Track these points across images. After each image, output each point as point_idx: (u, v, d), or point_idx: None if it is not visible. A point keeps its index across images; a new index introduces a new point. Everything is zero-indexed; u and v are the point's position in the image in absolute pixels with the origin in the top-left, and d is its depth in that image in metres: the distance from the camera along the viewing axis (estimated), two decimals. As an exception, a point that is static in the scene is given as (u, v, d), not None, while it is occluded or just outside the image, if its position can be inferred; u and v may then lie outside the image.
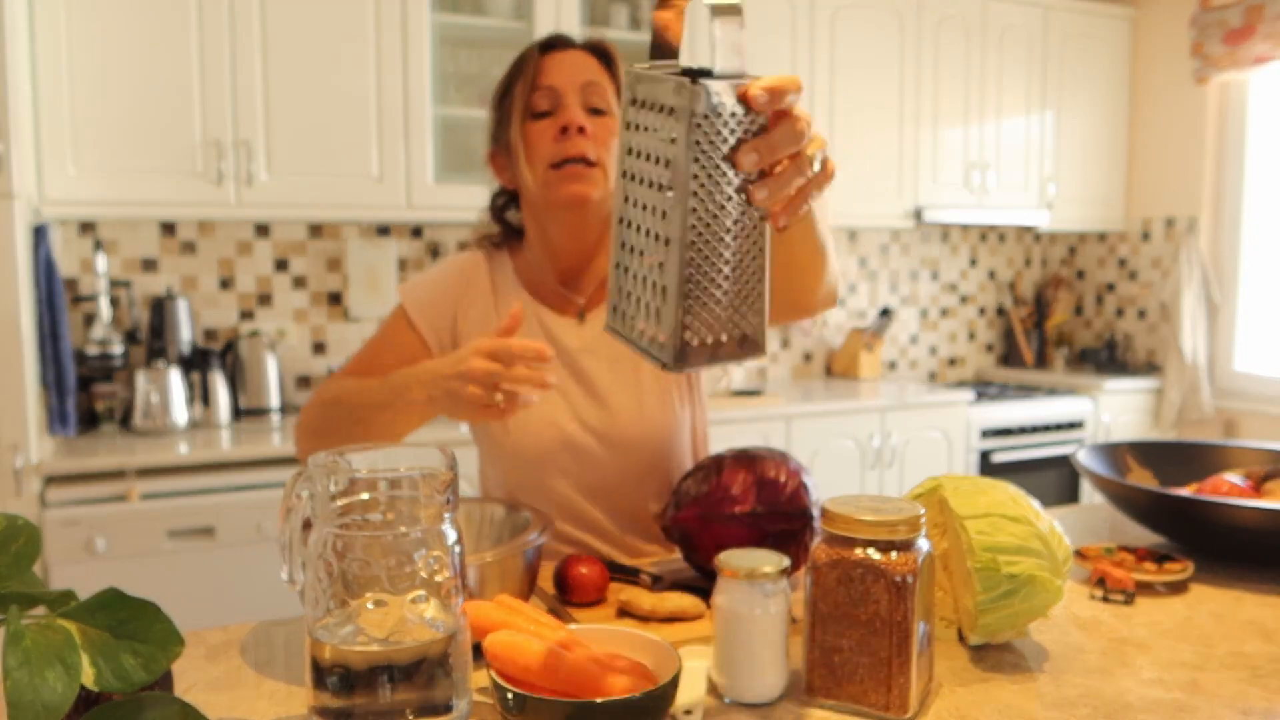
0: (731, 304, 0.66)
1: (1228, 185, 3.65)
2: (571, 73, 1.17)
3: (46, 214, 2.37)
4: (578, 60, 1.18)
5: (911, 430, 3.22)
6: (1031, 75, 3.66)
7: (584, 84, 1.16)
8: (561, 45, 1.20)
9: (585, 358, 1.23)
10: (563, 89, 1.16)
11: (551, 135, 1.15)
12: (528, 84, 1.17)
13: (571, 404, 1.22)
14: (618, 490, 1.22)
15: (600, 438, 1.21)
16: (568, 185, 1.14)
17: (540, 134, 1.16)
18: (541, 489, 1.22)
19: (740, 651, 0.77)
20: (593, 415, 1.21)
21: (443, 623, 0.69)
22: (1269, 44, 3.32)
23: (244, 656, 0.88)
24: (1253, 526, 1.06)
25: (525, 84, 1.17)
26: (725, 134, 0.63)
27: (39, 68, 2.32)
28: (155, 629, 0.63)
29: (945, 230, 3.97)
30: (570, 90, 1.16)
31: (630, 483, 1.23)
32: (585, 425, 1.21)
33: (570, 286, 1.25)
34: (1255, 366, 3.60)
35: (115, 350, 2.54)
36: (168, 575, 2.24)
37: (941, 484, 0.90)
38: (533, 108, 1.17)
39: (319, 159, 2.59)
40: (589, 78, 1.17)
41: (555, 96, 1.16)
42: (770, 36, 3.16)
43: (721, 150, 0.63)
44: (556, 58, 1.18)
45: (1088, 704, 0.77)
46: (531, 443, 1.20)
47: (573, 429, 1.21)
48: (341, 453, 0.74)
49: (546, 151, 1.15)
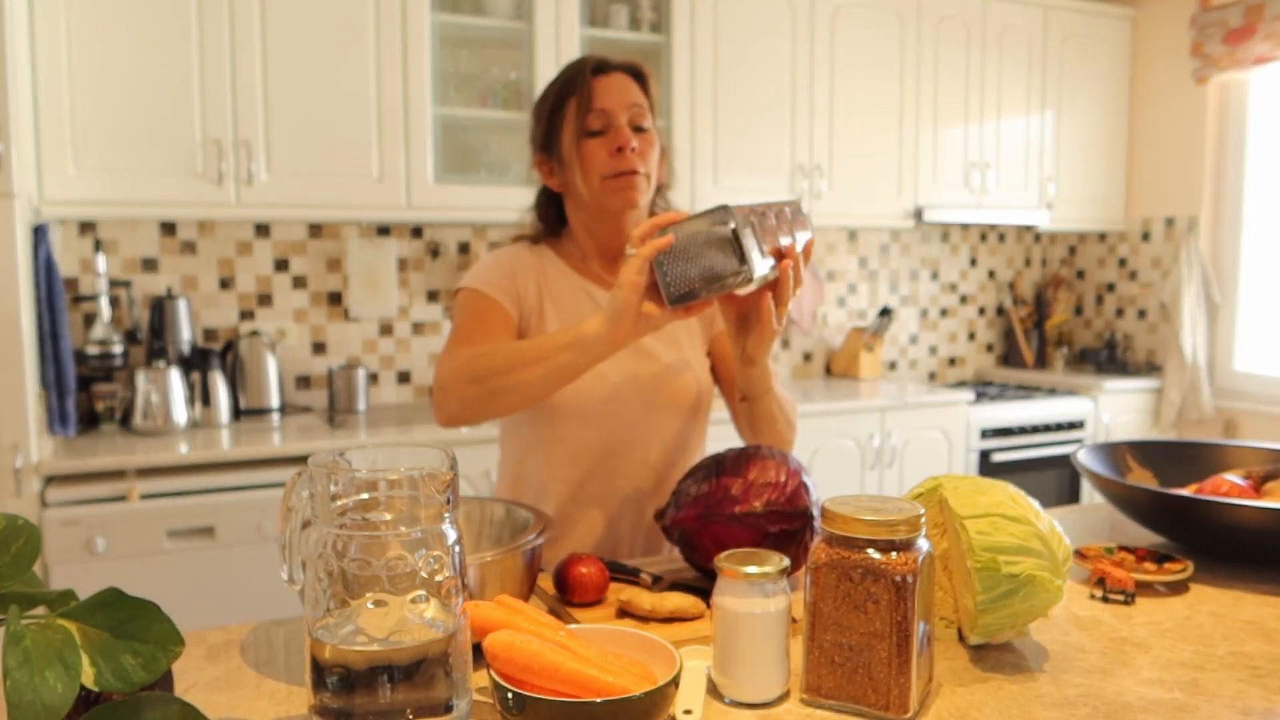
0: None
1: (1228, 185, 3.65)
2: (620, 96, 1.32)
3: (46, 214, 2.37)
4: (623, 83, 1.33)
5: (911, 430, 3.22)
6: (1031, 75, 3.66)
7: (630, 105, 1.32)
8: (607, 68, 1.34)
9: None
10: (614, 111, 1.31)
11: (606, 152, 1.30)
12: (583, 105, 1.31)
13: (617, 360, 1.33)
14: (641, 450, 1.35)
15: (640, 390, 1.34)
16: (623, 194, 1.31)
17: (594, 150, 1.31)
18: (568, 442, 1.33)
19: (740, 651, 0.77)
20: (639, 367, 1.35)
21: (443, 623, 0.69)
22: (1269, 44, 3.32)
23: (244, 656, 0.88)
24: (1253, 526, 1.06)
25: (580, 104, 1.31)
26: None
27: (39, 68, 2.32)
28: (155, 629, 0.63)
29: (945, 230, 3.97)
30: (620, 112, 1.31)
31: (655, 445, 1.36)
32: (631, 377, 1.34)
33: (610, 270, 1.41)
34: (1255, 366, 3.60)
35: (115, 350, 2.54)
36: (168, 575, 2.24)
37: (941, 484, 0.90)
38: (587, 127, 1.31)
39: (319, 159, 2.59)
40: (633, 100, 1.32)
41: (608, 118, 1.31)
42: (770, 36, 3.16)
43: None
44: (606, 81, 1.32)
45: (1088, 704, 0.77)
46: (579, 391, 1.31)
47: (617, 379, 1.33)
48: (341, 453, 0.74)
49: (602, 166, 1.30)
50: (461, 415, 1.22)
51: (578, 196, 1.35)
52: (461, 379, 1.20)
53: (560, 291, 1.38)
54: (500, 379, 1.17)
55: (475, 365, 1.20)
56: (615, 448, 1.34)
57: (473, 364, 1.20)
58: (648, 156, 1.34)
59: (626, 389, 1.34)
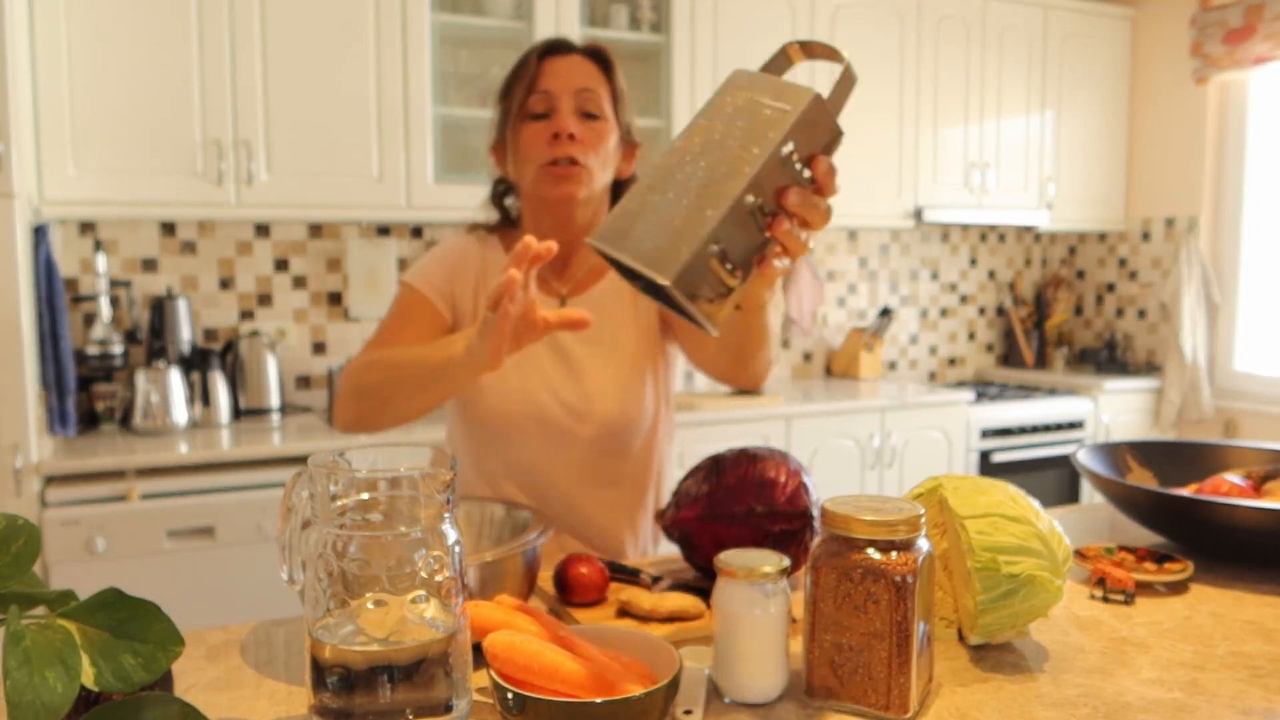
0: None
1: (1228, 185, 3.65)
2: (568, 78, 1.23)
3: (46, 214, 2.37)
4: (575, 66, 1.24)
5: (911, 430, 3.22)
6: (1031, 75, 3.66)
7: (579, 90, 1.22)
8: (562, 50, 1.25)
9: (566, 337, 1.29)
10: (558, 94, 1.22)
11: (544, 138, 1.21)
12: (526, 86, 1.23)
13: (547, 378, 1.27)
14: (579, 468, 1.29)
15: (572, 413, 1.27)
16: (557, 185, 1.22)
17: (534, 136, 1.23)
18: (505, 457, 1.28)
19: (740, 651, 0.77)
20: (567, 391, 1.27)
21: (443, 623, 0.69)
22: (1269, 44, 3.32)
23: (244, 656, 0.88)
24: (1253, 526, 1.06)
25: (524, 86, 1.23)
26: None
27: (39, 68, 2.31)
28: (155, 629, 0.63)
29: (945, 230, 3.97)
30: (565, 95, 1.22)
31: (592, 462, 1.29)
32: (559, 399, 1.27)
33: (555, 274, 1.32)
34: (1255, 366, 3.60)
35: (115, 350, 2.54)
36: (168, 575, 2.24)
37: (941, 484, 0.90)
38: (529, 110, 1.23)
39: (319, 159, 2.59)
40: (584, 84, 1.23)
41: (550, 101, 1.22)
42: (770, 36, 3.16)
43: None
44: (555, 63, 1.24)
45: (1088, 704, 0.77)
46: (505, 410, 1.26)
47: (545, 400, 1.27)
48: (341, 453, 0.74)
49: (538, 153, 1.22)
50: (357, 425, 1.18)
51: (519, 185, 1.29)
52: (351, 392, 1.17)
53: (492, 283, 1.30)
54: (384, 395, 1.12)
55: (365, 378, 1.15)
56: (544, 467, 1.28)
57: (363, 376, 1.15)
58: (593, 147, 1.23)
59: (555, 410, 1.26)
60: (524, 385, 1.27)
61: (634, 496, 1.34)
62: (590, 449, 1.28)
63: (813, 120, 0.73)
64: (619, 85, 1.28)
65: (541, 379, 1.27)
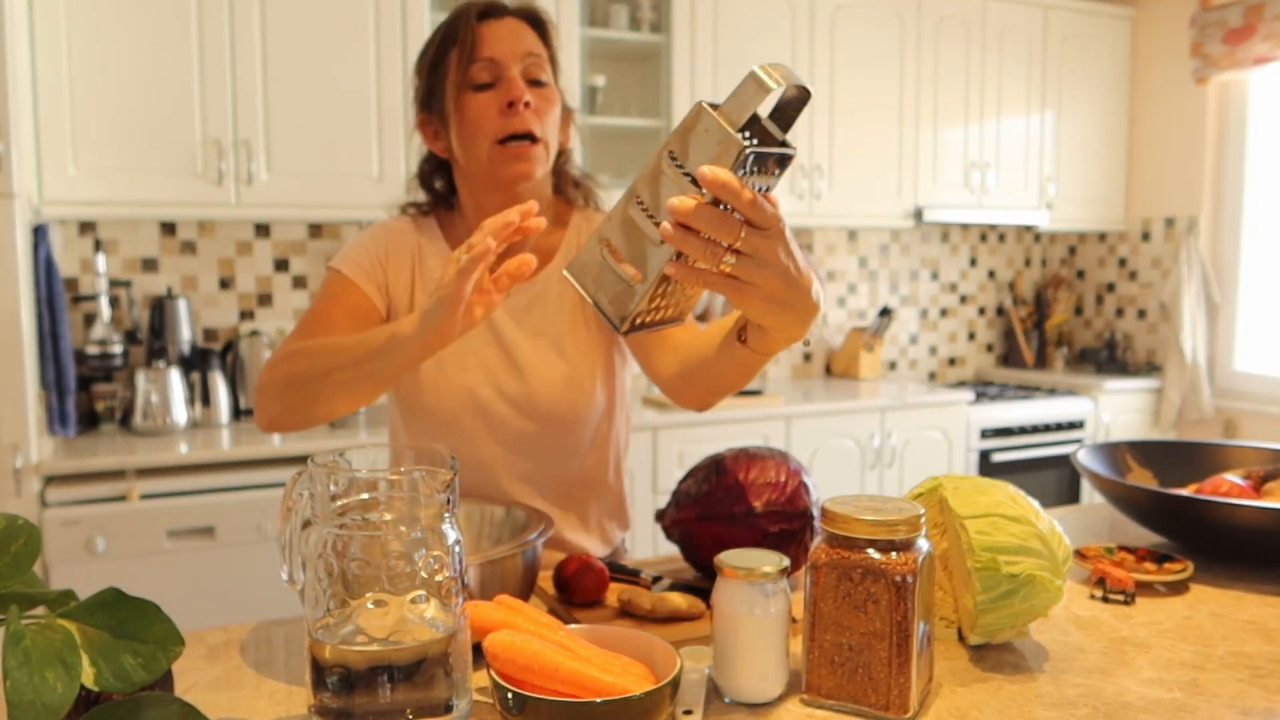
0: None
1: (1228, 185, 3.65)
2: (512, 44, 1.13)
3: (46, 214, 2.37)
4: (515, 30, 1.15)
5: (911, 430, 3.22)
6: (1031, 75, 3.66)
7: (524, 54, 1.14)
8: (497, 13, 1.16)
9: (509, 328, 1.22)
10: (504, 60, 1.12)
11: (496, 109, 1.12)
12: (465, 54, 1.12)
13: (488, 371, 1.21)
14: (526, 463, 1.22)
15: (514, 405, 1.21)
16: (514, 164, 1.13)
17: (482, 108, 1.13)
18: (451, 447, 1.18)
19: (740, 651, 0.77)
20: (509, 383, 1.21)
21: (443, 623, 0.69)
22: (1269, 44, 3.32)
23: (244, 656, 0.88)
24: (1253, 526, 1.06)
25: (463, 53, 1.13)
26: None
27: (39, 68, 2.31)
28: (155, 629, 0.63)
29: (945, 230, 3.97)
30: (512, 62, 1.13)
31: (540, 457, 1.23)
32: (500, 392, 1.21)
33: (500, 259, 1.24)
34: (1255, 366, 3.60)
35: (115, 350, 2.54)
36: (168, 575, 2.24)
37: (941, 484, 0.90)
38: (472, 79, 1.13)
39: (319, 159, 2.59)
40: (528, 48, 1.14)
41: (497, 69, 1.12)
42: (770, 36, 3.16)
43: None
44: (493, 26, 1.14)
45: (1088, 704, 0.77)
46: (444, 404, 1.20)
47: (486, 394, 1.20)
48: (341, 453, 0.74)
49: (491, 127, 1.12)
50: (281, 421, 1.06)
51: (462, 163, 1.18)
52: (277, 384, 1.05)
53: (433, 274, 1.22)
54: (314, 385, 1.01)
55: (293, 367, 1.04)
56: (490, 463, 1.21)
57: (291, 365, 1.04)
58: (545, 116, 1.15)
59: (497, 404, 1.20)
60: (464, 379, 1.20)
61: (590, 493, 1.28)
62: (536, 443, 1.22)
63: (690, 128, 0.70)
64: (556, 49, 1.21)
65: (484, 374, 1.21)
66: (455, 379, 1.20)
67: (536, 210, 0.87)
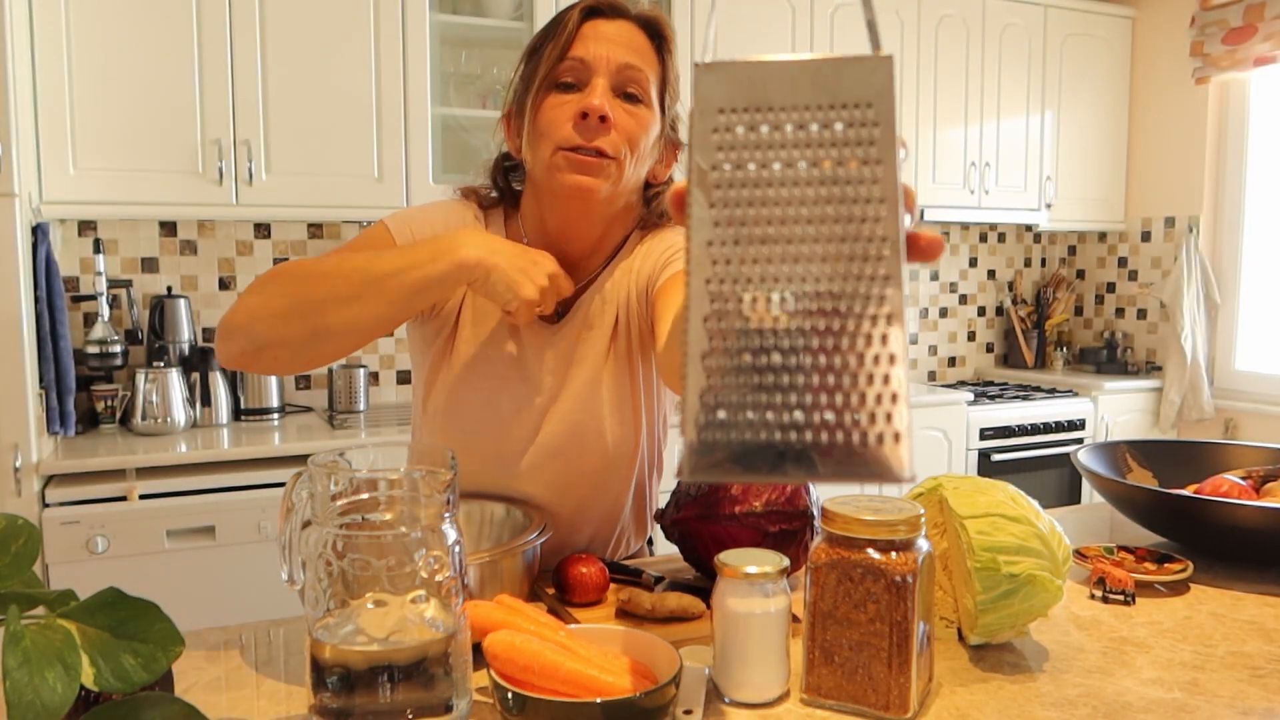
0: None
1: (1228, 185, 3.65)
2: (610, 48, 1.00)
3: (46, 214, 2.37)
4: (623, 34, 1.02)
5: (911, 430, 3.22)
6: (1031, 74, 3.66)
7: (621, 65, 1.01)
8: (610, 13, 1.03)
9: (549, 363, 1.12)
10: (594, 65, 1.00)
11: (569, 114, 1.00)
12: (558, 49, 1.01)
13: (516, 405, 1.12)
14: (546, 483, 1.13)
15: (535, 446, 1.12)
16: (572, 174, 1.00)
17: (556, 109, 1.01)
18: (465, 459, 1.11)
19: (740, 651, 0.77)
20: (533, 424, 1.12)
21: (443, 623, 0.69)
22: (1269, 44, 3.32)
23: (244, 656, 0.88)
24: (1253, 526, 1.06)
25: (556, 48, 1.01)
26: None
27: (39, 68, 2.31)
28: (155, 629, 0.62)
29: (945, 230, 3.97)
30: (602, 68, 1.00)
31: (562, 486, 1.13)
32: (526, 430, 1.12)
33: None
34: (1255, 366, 3.60)
35: (115, 350, 2.54)
36: (168, 575, 2.23)
37: (941, 484, 0.90)
38: (556, 77, 1.01)
39: (319, 159, 2.59)
40: (629, 59, 1.01)
41: (584, 72, 1.01)
42: (770, 36, 3.16)
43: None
44: (598, 26, 1.02)
45: (1088, 704, 0.77)
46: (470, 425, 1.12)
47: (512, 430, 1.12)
48: (341, 453, 0.74)
49: (559, 132, 1.00)
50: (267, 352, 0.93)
51: (528, 165, 1.07)
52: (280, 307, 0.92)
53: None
54: (337, 313, 0.91)
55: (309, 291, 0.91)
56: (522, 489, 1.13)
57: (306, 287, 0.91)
58: (629, 138, 1.01)
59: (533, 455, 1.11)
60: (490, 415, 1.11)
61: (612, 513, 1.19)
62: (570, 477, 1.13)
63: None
64: (671, 68, 1.06)
65: (512, 409, 1.11)
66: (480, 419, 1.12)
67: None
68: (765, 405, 0.45)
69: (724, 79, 0.48)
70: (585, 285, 1.13)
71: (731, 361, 0.46)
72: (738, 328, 0.46)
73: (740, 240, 0.47)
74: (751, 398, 0.45)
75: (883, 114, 0.46)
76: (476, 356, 1.12)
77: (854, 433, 0.45)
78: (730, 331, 0.46)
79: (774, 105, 0.47)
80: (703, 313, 0.46)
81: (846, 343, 0.45)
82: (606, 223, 1.10)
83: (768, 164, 0.47)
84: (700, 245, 0.47)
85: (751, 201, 0.47)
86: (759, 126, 0.47)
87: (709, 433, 0.45)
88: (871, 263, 0.46)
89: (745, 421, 0.45)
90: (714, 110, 0.48)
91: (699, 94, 0.48)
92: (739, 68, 0.47)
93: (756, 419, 0.45)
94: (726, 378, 0.46)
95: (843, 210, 0.46)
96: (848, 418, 0.45)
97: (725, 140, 0.47)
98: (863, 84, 0.46)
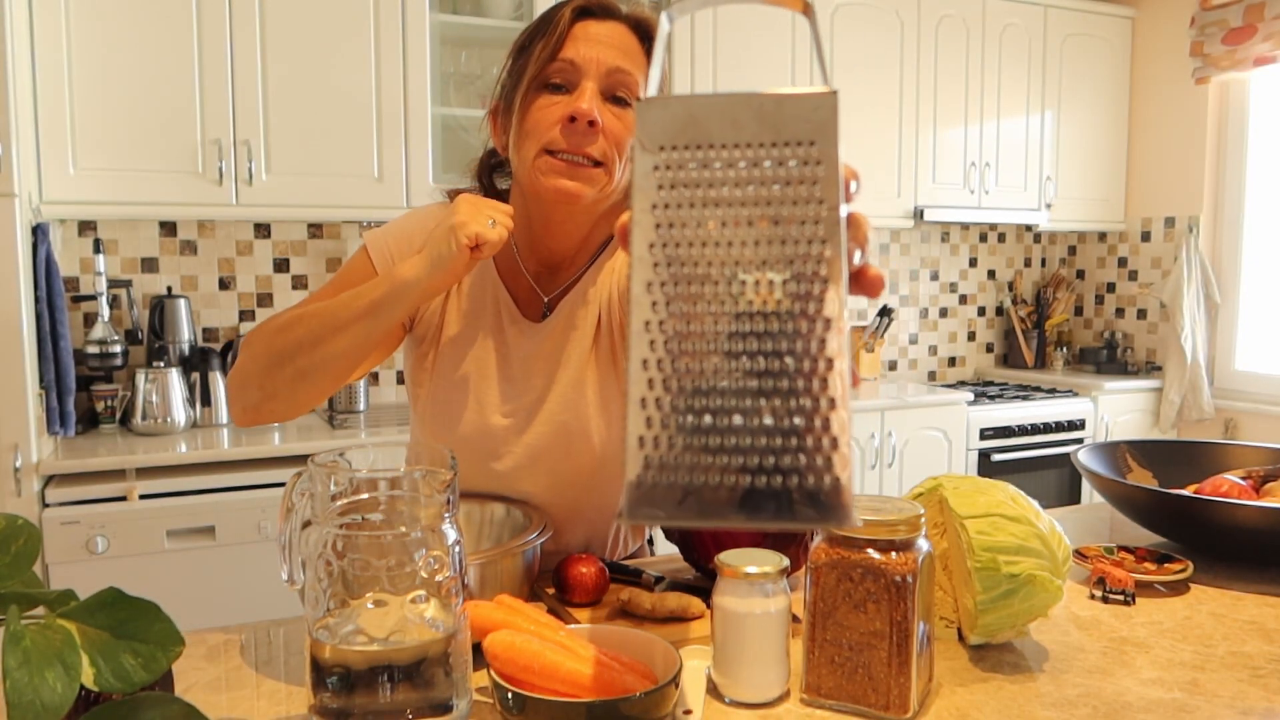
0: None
1: (1228, 185, 3.65)
2: (602, 50, 0.99)
3: (46, 214, 2.37)
4: (614, 36, 1.01)
5: (911, 430, 3.22)
6: (1031, 74, 3.66)
7: (611, 69, 0.99)
8: (601, 14, 1.02)
9: (535, 364, 1.12)
10: (584, 67, 0.99)
11: (557, 117, 0.99)
12: (548, 49, 1.00)
13: (503, 407, 1.11)
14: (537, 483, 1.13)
15: (523, 447, 1.11)
16: (557, 178, 0.99)
17: (544, 110, 1.00)
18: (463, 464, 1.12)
19: (740, 651, 0.77)
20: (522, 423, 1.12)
21: (443, 623, 0.69)
22: (1269, 44, 3.32)
23: (244, 656, 0.88)
24: (1253, 526, 1.06)
25: (546, 48, 1.00)
26: None
27: (39, 68, 2.31)
28: (155, 629, 0.62)
29: (945, 230, 3.97)
30: (593, 71, 0.99)
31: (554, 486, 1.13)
32: (513, 432, 1.11)
33: (541, 283, 1.13)
34: (1255, 366, 3.60)
35: (115, 350, 2.54)
36: (168, 575, 2.23)
37: (941, 484, 0.90)
38: (546, 78, 1.00)
39: (319, 159, 2.59)
40: (619, 63, 1.00)
41: (574, 74, 0.99)
42: (769, 36, 3.16)
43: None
44: (590, 27, 1.01)
45: (1088, 704, 0.77)
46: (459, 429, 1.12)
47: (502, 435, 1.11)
48: (341, 453, 0.74)
49: (546, 134, 0.99)
50: (262, 407, 0.99)
51: (513, 165, 1.06)
52: (261, 362, 0.97)
53: (467, 283, 1.12)
54: (308, 355, 0.94)
55: (280, 342, 0.96)
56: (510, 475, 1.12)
57: (277, 340, 0.96)
58: (617, 141, 1.00)
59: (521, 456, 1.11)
60: (477, 418, 1.11)
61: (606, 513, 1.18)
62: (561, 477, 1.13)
63: None
64: (665, 72, 1.08)
65: (499, 410, 1.11)
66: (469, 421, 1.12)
67: None
68: (705, 452, 0.45)
69: (664, 115, 0.47)
70: (569, 285, 1.13)
71: (670, 407, 0.45)
72: (677, 372, 0.45)
73: (679, 280, 0.46)
74: (691, 443, 0.45)
75: (825, 152, 0.46)
76: (462, 359, 1.13)
77: (793, 479, 0.44)
78: (670, 377, 0.46)
79: (715, 142, 0.46)
80: (641, 356, 0.46)
81: (787, 387, 0.45)
82: (591, 223, 1.10)
83: (708, 203, 0.46)
84: (641, 286, 0.46)
85: (692, 242, 0.46)
86: (699, 165, 0.46)
87: (648, 475, 0.45)
88: (815, 303, 0.45)
89: (685, 467, 0.45)
90: (655, 147, 0.47)
91: (640, 130, 0.47)
92: (680, 103, 0.47)
93: (695, 466, 0.45)
94: (666, 424, 0.45)
95: (785, 251, 0.46)
96: (788, 463, 0.44)
97: (665, 179, 0.47)
98: (806, 121, 0.47)
